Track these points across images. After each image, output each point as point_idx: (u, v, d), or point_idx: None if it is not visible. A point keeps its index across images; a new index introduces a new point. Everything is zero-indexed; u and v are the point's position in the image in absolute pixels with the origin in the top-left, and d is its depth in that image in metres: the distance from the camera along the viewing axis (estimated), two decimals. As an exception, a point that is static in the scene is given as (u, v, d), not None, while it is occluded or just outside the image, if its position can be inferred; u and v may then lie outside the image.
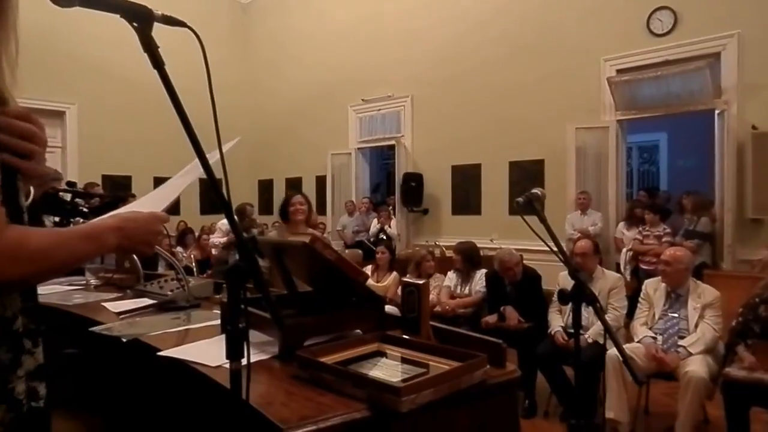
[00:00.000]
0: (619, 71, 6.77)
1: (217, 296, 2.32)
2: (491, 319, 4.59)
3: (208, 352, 1.46)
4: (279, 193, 11.40)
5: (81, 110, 9.68)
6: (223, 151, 1.11)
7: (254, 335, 1.58)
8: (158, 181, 7.20)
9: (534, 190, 1.70)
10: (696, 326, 3.63)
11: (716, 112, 6.17)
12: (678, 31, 6.40)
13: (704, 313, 3.66)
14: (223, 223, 7.76)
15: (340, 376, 1.26)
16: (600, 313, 1.36)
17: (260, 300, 1.69)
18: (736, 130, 5.90)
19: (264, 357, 1.50)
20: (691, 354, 3.50)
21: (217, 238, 7.88)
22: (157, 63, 1.00)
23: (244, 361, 1.02)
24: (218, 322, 1.82)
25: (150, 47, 0.99)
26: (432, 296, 5.14)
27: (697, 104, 6.23)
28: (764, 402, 3.19)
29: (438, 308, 4.96)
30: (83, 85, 9.61)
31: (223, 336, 1.07)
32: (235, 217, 1.06)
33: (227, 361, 1.04)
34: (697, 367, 3.38)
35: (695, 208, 6.22)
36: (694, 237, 5.98)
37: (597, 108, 6.98)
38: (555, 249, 1.59)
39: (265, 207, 11.46)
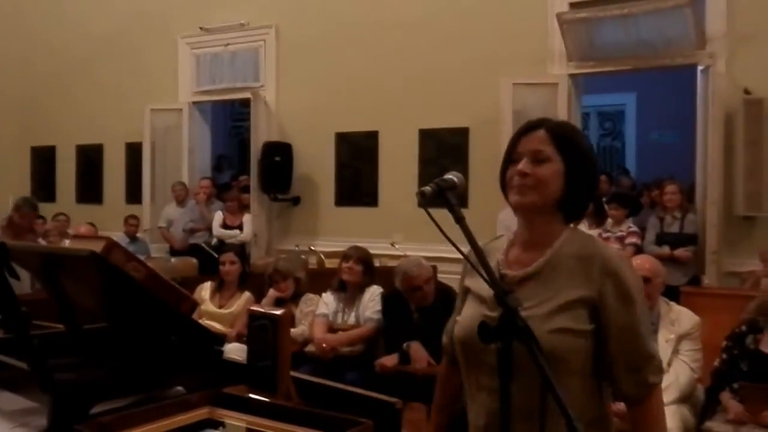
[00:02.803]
0: (572, 5, 7.10)
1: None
2: (390, 360, 4.65)
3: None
4: (65, 167, 10.88)
5: None
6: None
7: (9, 400, 1.54)
8: None
9: (448, 175, 1.71)
10: (669, 364, 3.90)
11: (699, 68, 6.65)
12: (652, -48, 6.82)
13: (679, 346, 3.94)
14: None
15: (146, 462, 1.21)
16: (540, 362, 1.40)
17: (17, 344, 1.58)
18: (724, 93, 6.38)
19: (24, 435, 1.43)
20: (661, 404, 3.76)
21: None
22: None
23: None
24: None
25: None
26: (302, 329, 5.13)
27: (675, 56, 6.68)
28: (753, 467, 3.51)
29: (311, 347, 4.95)
30: None
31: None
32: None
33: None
34: (668, 422, 3.62)
35: (683, 202, 6.67)
36: (680, 242, 6.41)
37: (542, 57, 7.27)
38: (474, 261, 1.61)
39: (44, 188, 10.94)
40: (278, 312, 1.55)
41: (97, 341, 1.73)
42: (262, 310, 1.58)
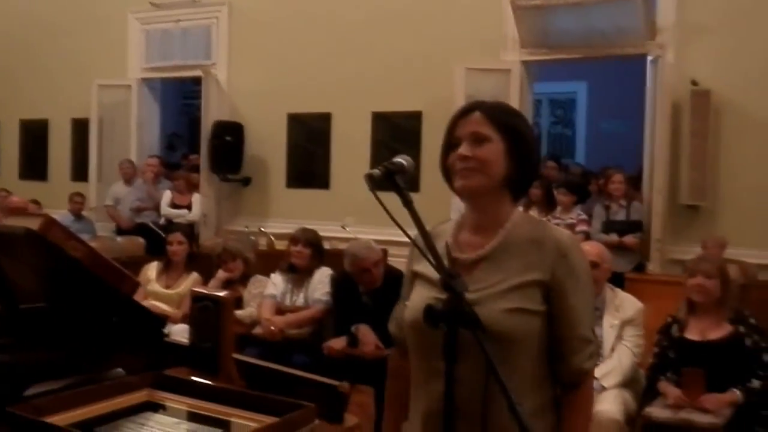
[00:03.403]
0: (527, -8, 7.16)
1: None
2: (338, 343, 4.65)
3: None
4: (8, 143, 10.65)
5: None
6: None
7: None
8: None
9: (397, 159, 1.71)
10: (612, 349, 3.98)
11: (649, 58, 6.76)
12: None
13: (623, 332, 4.03)
14: None
15: (81, 445, 1.19)
16: (484, 346, 1.41)
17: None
18: (672, 84, 6.51)
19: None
20: (604, 388, 3.83)
21: None
22: None
23: None
24: None
25: None
26: (251, 310, 5.10)
27: (626, 46, 6.78)
28: (692, 450, 3.60)
29: (259, 329, 4.93)
30: None
31: None
32: None
33: None
34: (609, 405, 3.71)
35: (628, 190, 6.79)
36: (627, 230, 6.52)
37: (495, 43, 7.31)
38: (422, 245, 1.62)
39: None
40: (221, 293, 1.53)
41: (35, 321, 1.69)
42: (205, 291, 1.56)
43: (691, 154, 6.42)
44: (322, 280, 5.06)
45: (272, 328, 4.86)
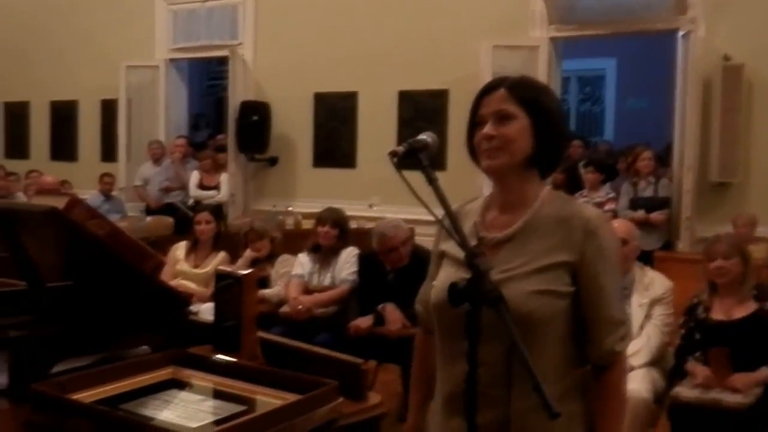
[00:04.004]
0: (555, -33, 7.07)
1: None
2: (364, 322, 4.65)
3: None
4: (39, 124, 10.77)
5: None
6: None
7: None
8: None
9: (421, 136, 1.69)
10: (641, 328, 3.95)
11: (680, 33, 6.65)
12: None
13: (651, 310, 3.99)
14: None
15: (105, 422, 1.20)
16: (508, 324, 1.39)
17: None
18: (703, 59, 6.41)
19: (-18, 394, 1.40)
20: (632, 367, 3.80)
21: None
22: None
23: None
24: None
25: None
26: (278, 289, 5.12)
27: (655, 21, 6.68)
28: (721, 430, 3.56)
29: (286, 308, 4.94)
30: None
31: None
32: None
33: None
34: (638, 384, 3.67)
35: (656, 167, 6.72)
36: (654, 206, 6.46)
37: (523, 20, 7.26)
38: (447, 222, 1.60)
39: (18, 145, 10.84)
40: (244, 272, 1.53)
41: (61, 299, 1.70)
42: (229, 269, 1.56)
43: (721, 131, 6.33)
44: (348, 259, 5.05)
45: (300, 307, 4.86)
